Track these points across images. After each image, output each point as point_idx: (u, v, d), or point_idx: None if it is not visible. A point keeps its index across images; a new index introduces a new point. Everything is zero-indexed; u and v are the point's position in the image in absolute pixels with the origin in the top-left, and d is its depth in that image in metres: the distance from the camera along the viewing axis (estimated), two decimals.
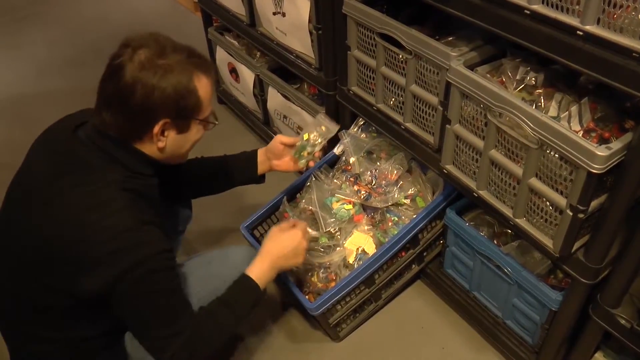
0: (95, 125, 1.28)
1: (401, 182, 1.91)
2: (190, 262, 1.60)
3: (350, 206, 1.86)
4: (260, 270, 1.49)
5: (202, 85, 1.30)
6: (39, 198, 1.27)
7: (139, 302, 1.26)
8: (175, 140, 1.34)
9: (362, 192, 1.89)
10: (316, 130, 1.64)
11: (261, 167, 1.79)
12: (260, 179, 1.82)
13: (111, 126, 1.27)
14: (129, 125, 1.27)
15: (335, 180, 1.97)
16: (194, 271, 1.50)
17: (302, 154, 1.62)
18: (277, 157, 1.76)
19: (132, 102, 1.23)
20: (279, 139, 1.73)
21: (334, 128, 1.65)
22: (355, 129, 2.07)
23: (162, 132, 1.30)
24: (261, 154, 1.79)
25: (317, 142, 1.63)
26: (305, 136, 1.64)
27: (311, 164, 1.73)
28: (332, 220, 1.83)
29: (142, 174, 1.31)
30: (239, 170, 1.79)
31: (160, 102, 1.24)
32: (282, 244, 1.54)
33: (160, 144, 1.31)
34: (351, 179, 1.95)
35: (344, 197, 1.87)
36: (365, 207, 1.89)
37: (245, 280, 1.47)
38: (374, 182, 1.91)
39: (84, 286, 1.22)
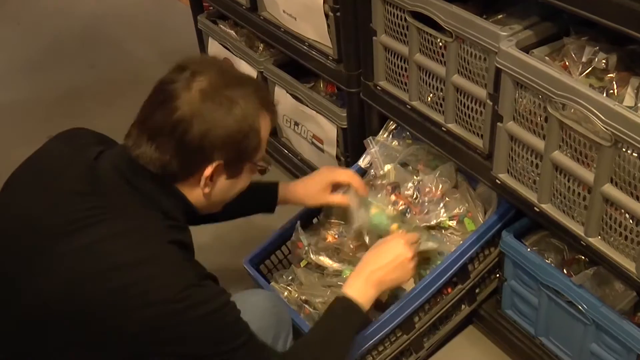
0: (131, 157, 1.34)
1: (445, 199, 1.95)
2: None
3: (392, 213, 1.90)
4: (355, 286, 1.60)
5: (265, 126, 1.40)
6: (52, 252, 1.29)
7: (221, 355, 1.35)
8: (223, 186, 1.42)
9: (401, 203, 1.94)
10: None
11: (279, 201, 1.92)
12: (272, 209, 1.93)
13: (154, 161, 1.33)
14: (177, 163, 1.33)
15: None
16: None
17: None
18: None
19: (187, 139, 1.30)
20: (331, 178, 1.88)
21: None
22: (384, 135, 2.12)
23: (212, 176, 1.37)
24: (287, 190, 1.91)
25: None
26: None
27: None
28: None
29: (178, 221, 1.39)
30: (253, 201, 1.87)
31: (221, 141, 1.32)
32: (378, 254, 1.65)
33: (207, 190, 1.39)
34: (388, 187, 1.99)
35: (378, 204, 1.92)
36: None
37: (343, 302, 1.58)
38: (416, 196, 1.95)
39: (150, 353, 1.30)
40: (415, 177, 2.00)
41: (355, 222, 1.86)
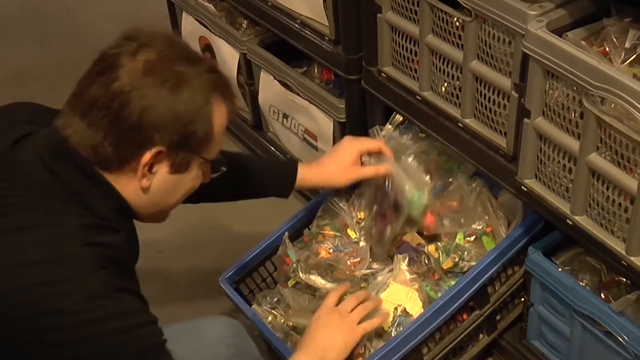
0: (60, 139, 1.34)
1: (461, 211, 1.96)
2: None
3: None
4: None
5: (219, 114, 1.41)
6: None
7: None
8: (166, 181, 1.41)
9: None
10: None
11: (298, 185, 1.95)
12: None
13: (84, 142, 1.33)
14: (111, 145, 1.33)
15: None
16: None
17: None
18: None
19: (123, 115, 1.30)
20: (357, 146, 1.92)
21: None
22: (390, 132, 2.12)
23: (151, 166, 1.37)
24: (309, 170, 1.94)
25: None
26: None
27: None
28: None
29: (109, 221, 1.37)
30: (263, 180, 1.93)
31: (162, 122, 1.32)
32: (323, 333, 1.71)
33: (145, 182, 1.38)
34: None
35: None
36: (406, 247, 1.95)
37: None
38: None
39: None
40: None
41: (407, 184, 1.91)
